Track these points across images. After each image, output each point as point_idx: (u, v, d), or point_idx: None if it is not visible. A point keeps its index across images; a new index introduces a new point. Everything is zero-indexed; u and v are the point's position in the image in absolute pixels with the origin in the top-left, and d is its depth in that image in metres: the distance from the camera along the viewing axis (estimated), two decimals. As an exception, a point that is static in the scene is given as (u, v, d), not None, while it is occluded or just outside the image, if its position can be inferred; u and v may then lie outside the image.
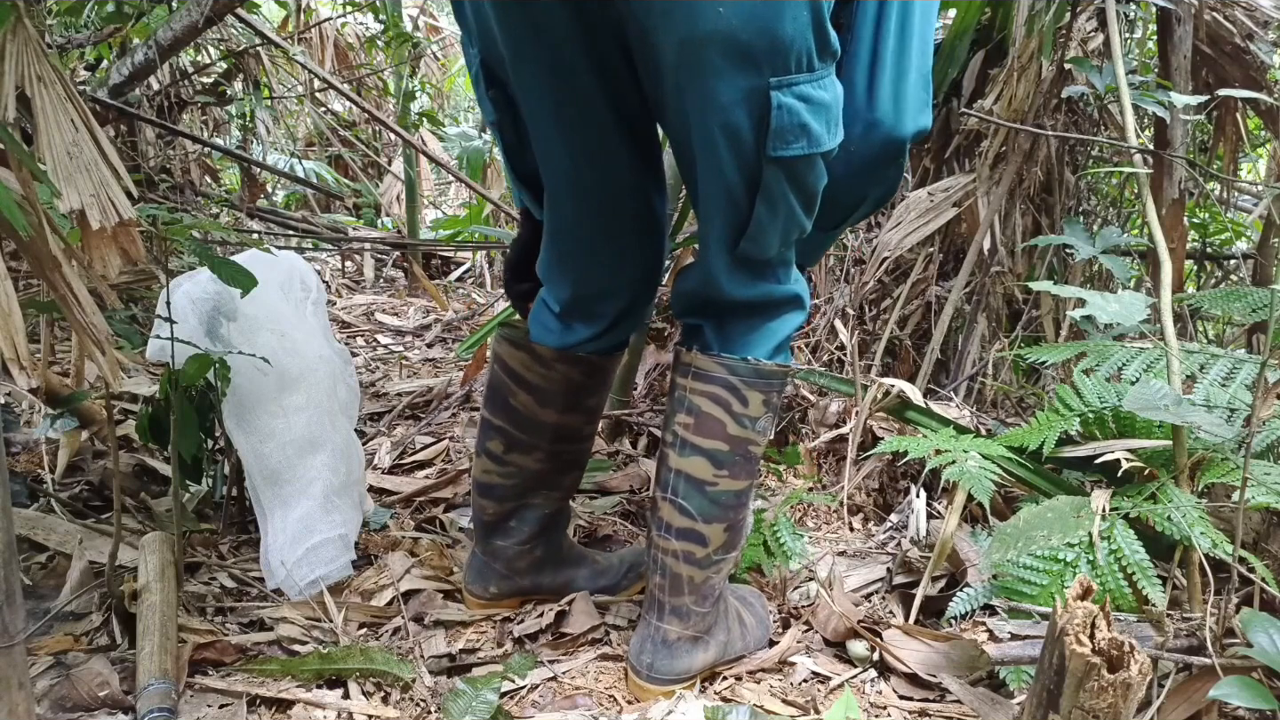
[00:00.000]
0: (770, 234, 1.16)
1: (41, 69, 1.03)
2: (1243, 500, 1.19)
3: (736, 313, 1.26)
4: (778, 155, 1.07)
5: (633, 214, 1.28)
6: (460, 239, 4.37)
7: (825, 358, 2.24)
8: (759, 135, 1.06)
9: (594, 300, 1.35)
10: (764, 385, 1.25)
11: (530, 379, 1.39)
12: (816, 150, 1.09)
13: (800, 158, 1.08)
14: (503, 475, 1.45)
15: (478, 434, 1.47)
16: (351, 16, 4.93)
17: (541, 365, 1.39)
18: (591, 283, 1.34)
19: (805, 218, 1.18)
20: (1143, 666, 0.88)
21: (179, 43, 2.60)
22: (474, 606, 1.53)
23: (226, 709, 1.23)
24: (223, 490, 1.73)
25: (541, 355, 1.38)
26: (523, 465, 1.45)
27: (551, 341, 1.37)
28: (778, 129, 1.05)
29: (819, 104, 1.06)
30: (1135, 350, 1.64)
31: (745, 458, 1.27)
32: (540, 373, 1.39)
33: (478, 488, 1.48)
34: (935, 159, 2.47)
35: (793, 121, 1.05)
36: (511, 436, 1.43)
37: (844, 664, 1.40)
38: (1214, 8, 2.22)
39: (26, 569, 1.47)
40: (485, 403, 1.45)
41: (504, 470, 1.45)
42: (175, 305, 1.46)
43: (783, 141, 1.06)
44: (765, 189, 1.10)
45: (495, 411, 1.43)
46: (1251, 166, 3.63)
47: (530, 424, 1.42)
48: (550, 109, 1.14)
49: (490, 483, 1.46)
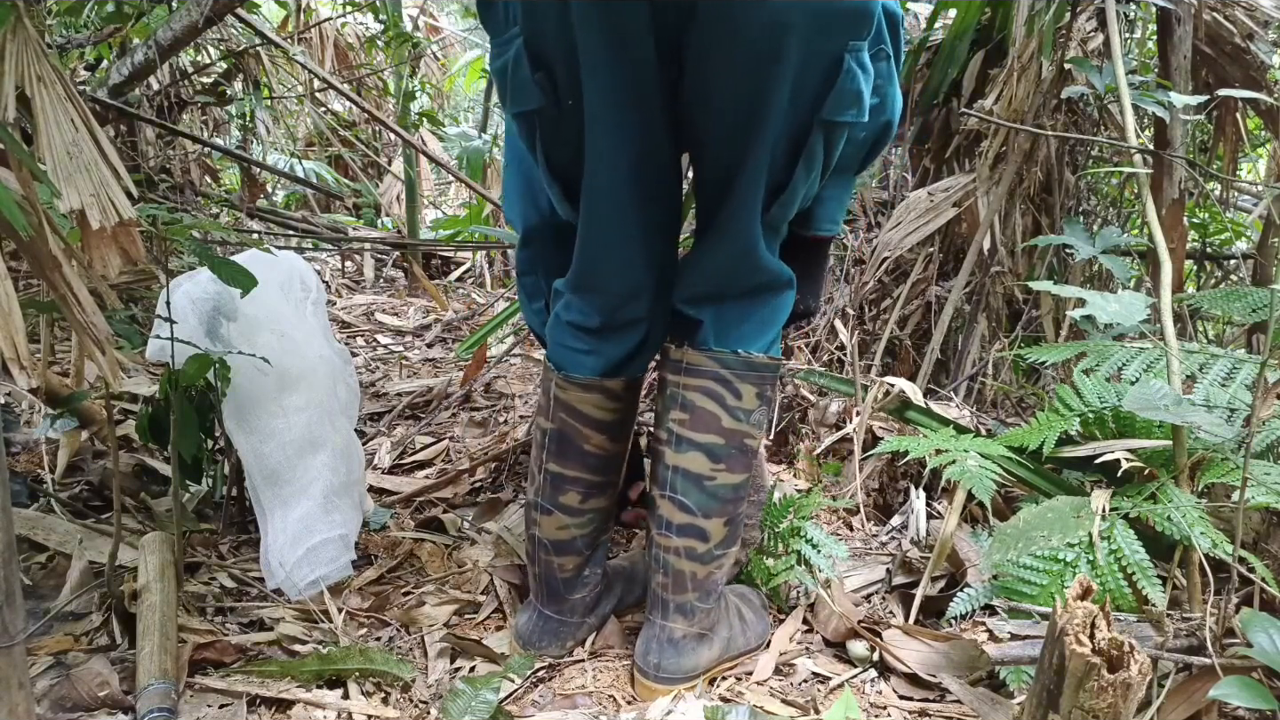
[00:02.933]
0: (798, 194, 1.19)
1: (41, 69, 1.03)
2: (1243, 500, 1.19)
3: (741, 297, 1.25)
4: (831, 119, 1.10)
5: (667, 205, 1.27)
6: (460, 239, 4.37)
7: (825, 358, 2.24)
8: (820, 98, 1.09)
9: (627, 301, 1.29)
10: (756, 378, 1.25)
11: (603, 418, 1.33)
12: (860, 119, 1.12)
13: (844, 124, 1.12)
14: (580, 526, 1.37)
15: (540, 491, 1.36)
16: (351, 16, 4.93)
17: (613, 399, 1.33)
18: (628, 279, 1.28)
19: (819, 180, 1.21)
20: (1143, 666, 0.88)
21: (179, 43, 2.60)
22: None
23: (226, 709, 1.23)
24: (223, 490, 1.73)
25: (613, 390, 1.32)
26: (599, 508, 1.39)
27: (599, 368, 1.31)
28: (839, 92, 1.08)
29: (868, 73, 1.10)
30: (1135, 350, 1.63)
31: (741, 450, 1.27)
32: (612, 408, 1.33)
33: (552, 547, 1.37)
34: (935, 159, 2.47)
35: (853, 87, 1.08)
36: (589, 484, 1.36)
37: (844, 664, 1.40)
38: (1214, 8, 2.22)
39: (26, 569, 1.47)
40: (550, 457, 1.35)
41: (582, 520, 1.37)
42: (175, 305, 1.46)
43: (839, 107, 1.09)
44: (808, 152, 1.13)
45: (568, 463, 1.34)
46: (1251, 166, 3.63)
47: (605, 464, 1.36)
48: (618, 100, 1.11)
49: (568, 538, 1.37)
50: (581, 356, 1.31)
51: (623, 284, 1.28)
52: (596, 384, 1.31)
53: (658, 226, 1.27)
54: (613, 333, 1.31)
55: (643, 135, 1.15)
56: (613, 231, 1.24)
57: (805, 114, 1.10)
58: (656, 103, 1.14)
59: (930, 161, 2.48)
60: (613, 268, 1.27)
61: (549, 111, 1.17)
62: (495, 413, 2.46)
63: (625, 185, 1.19)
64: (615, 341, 1.31)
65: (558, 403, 1.33)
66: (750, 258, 1.22)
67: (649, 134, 1.16)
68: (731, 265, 1.24)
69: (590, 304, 1.30)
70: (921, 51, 2.45)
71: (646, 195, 1.22)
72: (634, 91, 1.11)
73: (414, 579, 1.64)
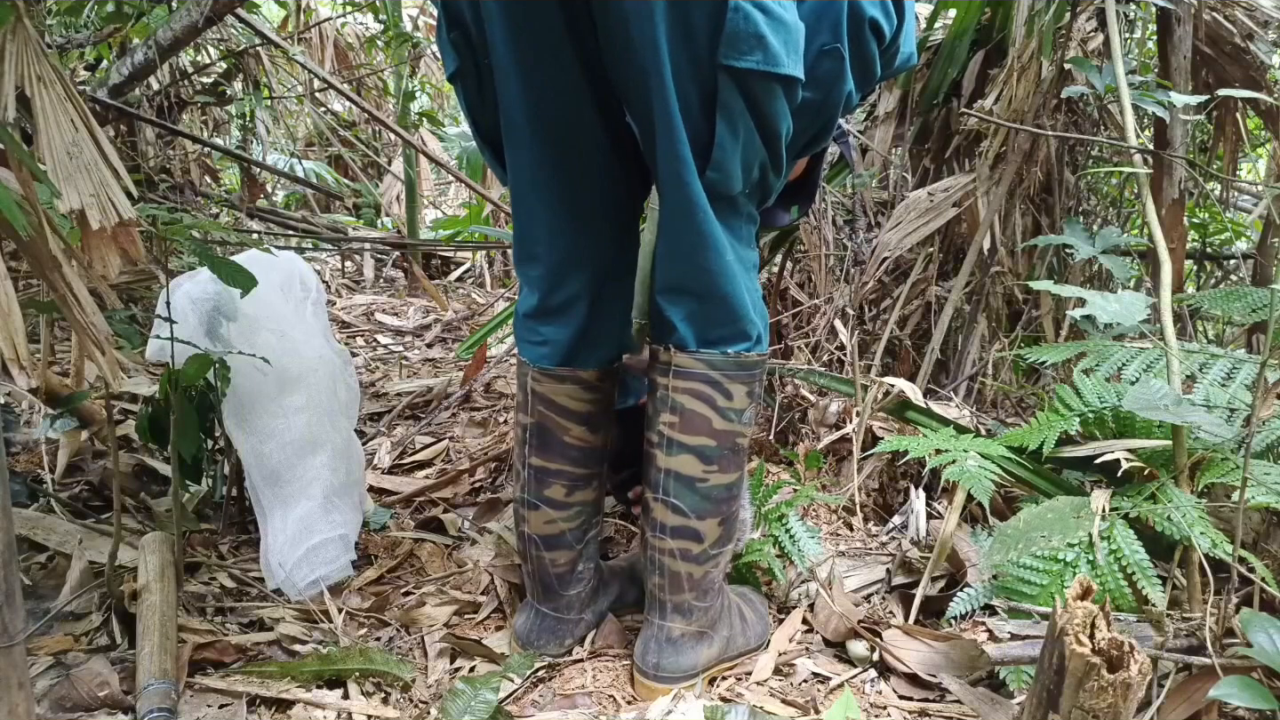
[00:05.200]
0: (732, 158, 1.13)
1: (41, 69, 1.03)
2: (1243, 500, 1.19)
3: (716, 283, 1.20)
4: (730, 64, 1.06)
5: (595, 165, 1.23)
6: (460, 239, 4.37)
7: (825, 358, 2.24)
8: (713, 40, 1.04)
9: (560, 274, 1.28)
10: (745, 376, 1.25)
11: (579, 409, 1.34)
12: (773, 69, 1.07)
13: (755, 73, 1.07)
14: (568, 520, 1.38)
15: (525, 486, 1.37)
16: (351, 16, 4.93)
17: (588, 390, 1.34)
18: (557, 246, 1.27)
19: (767, 154, 1.17)
20: (1142, 666, 0.88)
21: (179, 43, 2.60)
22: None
23: (226, 709, 1.23)
24: (223, 490, 1.73)
25: (587, 380, 1.33)
26: (585, 501, 1.39)
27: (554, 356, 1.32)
28: (731, 33, 1.04)
29: (778, 19, 1.05)
30: (1135, 350, 1.64)
31: (733, 450, 1.27)
32: (587, 399, 1.34)
33: (542, 542, 1.38)
34: (935, 159, 2.47)
35: (748, 29, 1.04)
36: (573, 476, 1.37)
37: (844, 664, 1.40)
38: (1214, 8, 2.22)
39: (26, 569, 1.47)
40: (531, 451, 1.36)
41: (569, 514, 1.38)
42: (175, 305, 1.46)
43: (735, 49, 1.05)
44: (723, 105, 1.09)
45: (550, 456, 1.35)
46: (1251, 166, 3.63)
47: (588, 456, 1.37)
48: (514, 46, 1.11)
49: (556, 533, 1.38)
50: (536, 347, 1.33)
51: (552, 252, 1.28)
52: (570, 375, 1.32)
53: (592, 198, 1.25)
54: (551, 315, 1.31)
55: (554, 90, 1.14)
56: (534, 193, 1.24)
57: (706, 61, 1.06)
58: (566, 56, 1.12)
59: (930, 161, 2.47)
60: (540, 233, 1.27)
61: (468, 71, 1.18)
62: (495, 413, 2.46)
63: (540, 144, 1.19)
64: (556, 325, 1.31)
65: (535, 396, 1.34)
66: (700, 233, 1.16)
67: (559, 89, 1.14)
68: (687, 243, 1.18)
69: (529, 280, 1.31)
70: (921, 51, 2.45)
71: (565, 156, 1.20)
72: (535, 39, 1.09)
73: (414, 579, 1.64)
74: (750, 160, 1.16)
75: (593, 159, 1.23)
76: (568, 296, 1.30)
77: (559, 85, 1.15)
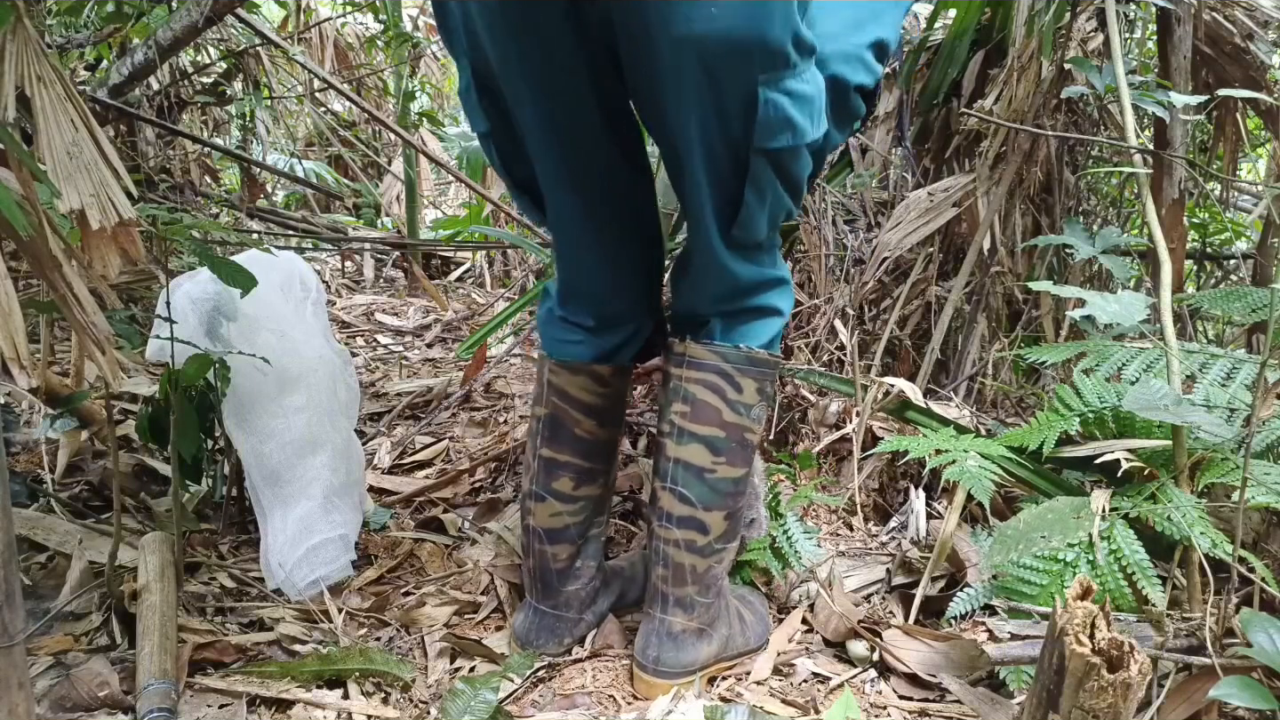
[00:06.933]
0: (759, 219, 1.21)
1: (41, 69, 1.03)
2: (1243, 500, 1.19)
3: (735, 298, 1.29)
4: (763, 147, 1.12)
5: (623, 208, 1.30)
6: (460, 239, 4.37)
7: (825, 358, 2.24)
8: (747, 128, 1.10)
9: (611, 300, 1.37)
10: (757, 373, 1.29)
11: (591, 401, 1.38)
12: (801, 143, 1.14)
13: (785, 149, 1.13)
14: (573, 513, 1.41)
15: (534, 478, 1.40)
16: (351, 16, 4.93)
17: (601, 384, 1.38)
18: (604, 281, 1.35)
19: (791, 201, 1.23)
20: (1142, 666, 0.88)
21: (179, 43, 2.60)
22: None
23: (226, 709, 1.23)
24: (223, 490, 1.73)
25: (601, 374, 1.38)
26: (591, 496, 1.42)
27: (590, 355, 1.37)
28: (764, 122, 1.09)
29: (802, 98, 1.11)
30: (1135, 350, 1.63)
31: (741, 444, 1.30)
32: (600, 392, 1.38)
33: (546, 535, 1.40)
34: (935, 159, 2.46)
35: (778, 115, 1.09)
36: (581, 469, 1.39)
37: (844, 664, 1.40)
38: (1214, 8, 2.22)
39: (26, 569, 1.47)
40: (543, 442, 1.39)
41: (575, 508, 1.41)
42: (175, 305, 1.46)
43: (769, 135, 1.11)
44: (753, 178, 1.15)
45: (560, 448, 1.39)
46: (1251, 166, 3.63)
47: (597, 449, 1.40)
48: (541, 108, 1.16)
49: (561, 526, 1.40)
50: (574, 346, 1.38)
51: (602, 286, 1.36)
52: (585, 368, 1.37)
53: (619, 232, 1.32)
54: (605, 329, 1.38)
55: (573, 140, 1.19)
56: (574, 240, 1.32)
57: (739, 138, 1.11)
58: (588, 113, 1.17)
59: (930, 161, 2.47)
60: (586, 274, 1.35)
61: (500, 133, 1.25)
62: (495, 413, 2.46)
63: (569, 193, 1.25)
64: (607, 335, 1.38)
65: (550, 388, 1.39)
66: (716, 270, 1.25)
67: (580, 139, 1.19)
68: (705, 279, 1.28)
69: (580, 308, 1.38)
70: (921, 51, 2.45)
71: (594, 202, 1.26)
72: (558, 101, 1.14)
73: (414, 579, 1.64)
74: (776, 214, 1.24)
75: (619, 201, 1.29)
76: (622, 313, 1.38)
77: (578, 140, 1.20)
